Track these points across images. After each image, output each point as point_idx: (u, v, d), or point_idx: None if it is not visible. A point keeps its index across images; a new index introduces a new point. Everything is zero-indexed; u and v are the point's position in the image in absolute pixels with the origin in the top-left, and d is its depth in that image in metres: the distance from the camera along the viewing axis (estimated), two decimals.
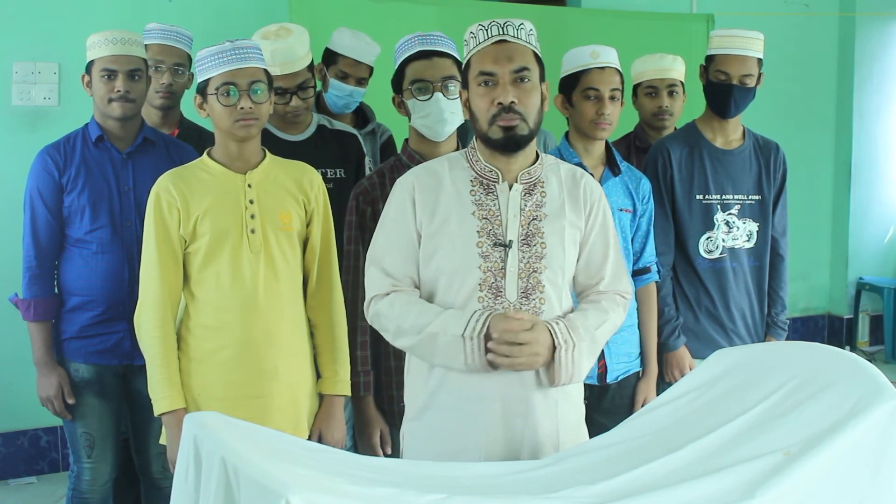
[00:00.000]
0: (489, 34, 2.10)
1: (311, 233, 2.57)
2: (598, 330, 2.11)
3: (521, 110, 2.08)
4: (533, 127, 2.11)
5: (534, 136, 2.13)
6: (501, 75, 2.07)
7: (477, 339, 2.00)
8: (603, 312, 2.14)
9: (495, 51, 2.08)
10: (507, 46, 2.09)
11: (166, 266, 2.43)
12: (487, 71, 2.08)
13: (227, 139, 2.46)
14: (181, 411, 2.40)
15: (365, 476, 1.73)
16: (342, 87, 3.28)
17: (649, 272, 2.98)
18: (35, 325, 2.83)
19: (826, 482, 1.76)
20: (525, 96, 2.08)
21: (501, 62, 2.07)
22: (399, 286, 2.14)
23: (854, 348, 5.87)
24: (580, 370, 2.09)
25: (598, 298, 2.18)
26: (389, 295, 2.14)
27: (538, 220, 2.14)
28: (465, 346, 2.01)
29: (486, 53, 2.09)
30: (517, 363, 2.01)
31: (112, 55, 2.77)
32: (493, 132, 2.09)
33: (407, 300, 2.12)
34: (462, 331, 2.01)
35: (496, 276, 2.10)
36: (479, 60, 2.10)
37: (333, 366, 2.58)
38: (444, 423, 2.13)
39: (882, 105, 5.93)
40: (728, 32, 3.13)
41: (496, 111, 2.08)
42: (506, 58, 2.08)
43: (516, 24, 2.11)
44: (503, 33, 2.09)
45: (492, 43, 2.09)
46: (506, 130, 2.08)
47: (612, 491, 1.72)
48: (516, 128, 2.08)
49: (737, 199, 3.17)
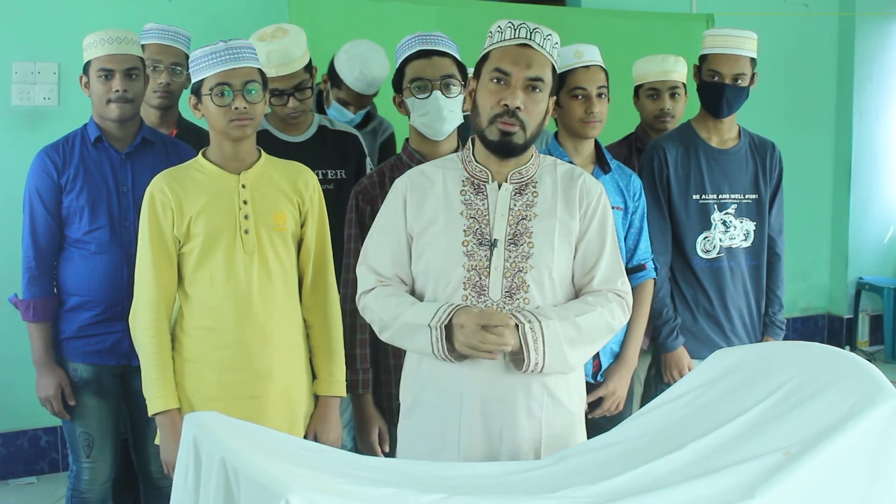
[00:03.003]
0: (516, 34, 2.10)
1: (306, 233, 2.57)
2: (579, 317, 2.08)
3: (523, 118, 2.09)
4: (529, 137, 2.12)
5: (529, 145, 2.14)
6: (516, 78, 2.08)
7: (440, 328, 2.03)
8: (587, 305, 2.12)
9: (517, 52, 2.09)
10: (530, 52, 2.09)
11: (160, 266, 2.43)
12: (504, 69, 2.08)
13: (222, 139, 2.46)
14: (175, 412, 2.41)
15: (365, 476, 1.73)
16: (344, 113, 3.30)
17: (644, 269, 2.96)
18: (34, 325, 2.83)
19: (826, 482, 1.76)
20: (532, 105, 2.09)
21: (520, 65, 2.08)
22: (386, 282, 2.19)
23: (854, 348, 5.87)
24: (558, 353, 2.05)
25: (586, 296, 2.17)
26: (375, 289, 2.19)
27: (527, 219, 2.15)
28: (430, 334, 2.05)
29: (508, 52, 2.09)
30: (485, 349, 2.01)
31: (108, 55, 2.76)
32: (491, 132, 2.11)
33: (390, 293, 2.16)
34: (429, 320, 2.05)
35: (480, 274, 2.11)
36: (499, 57, 2.10)
37: (329, 366, 2.57)
38: (428, 421, 2.16)
39: (882, 105, 5.93)
40: (720, 32, 3.13)
41: (500, 111, 2.08)
42: (525, 63, 2.08)
43: (545, 33, 2.11)
44: (530, 38, 2.09)
45: (516, 44, 2.09)
46: (503, 134, 2.09)
47: (612, 491, 1.72)
48: (514, 135, 2.10)
49: (733, 198, 3.17)
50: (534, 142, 2.16)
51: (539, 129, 2.15)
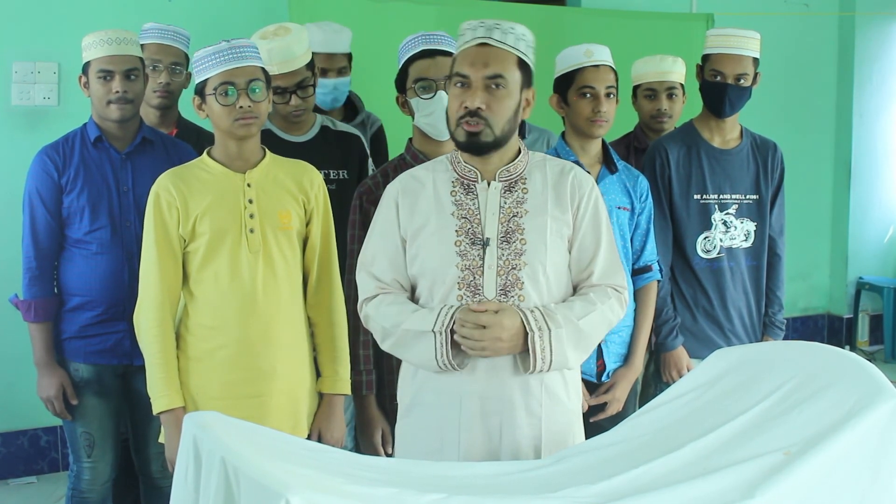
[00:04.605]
0: (475, 35, 2.11)
1: (311, 232, 2.57)
2: (582, 320, 2.10)
3: (486, 116, 2.09)
4: (500, 134, 2.11)
5: (502, 142, 2.14)
6: (475, 79, 2.09)
7: (445, 332, 2.04)
8: (590, 304, 2.13)
9: (475, 53, 2.10)
10: (488, 51, 2.09)
11: (166, 265, 2.43)
12: (462, 73, 2.10)
13: (227, 139, 2.46)
14: (179, 410, 2.41)
15: (365, 476, 1.73)
16: (324, 84, 3.27)
17: (650, 271, 2.97)
18: (35, 325, 2.82)
19: (826, 482, 1.76)
20: (495, 102, 2.09)
21: (477, 66, 2.09)
22: (386, 289, 2.19)
23: (854, 348, 5.87)
24: (562, 358, 2.08)
25: (587, 291, 2.17)
26: (377, 297, 2.19)
27: (518, 216, 2.15)
28: (434, 340, 2.05)
29: (467, 54, 2.11)
30: (479, 346, 2.03)
31: (108, 55, 2.76)
32: (458, 134, 2.13)
33: (391, 301, 2.16)
34: (432, 326, 2.05)
35: (474, 273, 2.12)
36: (460, 60, 2.13)
37: (333, 365, 2.58)
38: (427, 421, 2.16)
39: (882, 105, 5.93)
40: (723, 32, 3.12)
41: (463, 114, 2.10)
42: (482, 63, 2.09)
43: (505, 27, 2.11)
44: (488, 36, 2.09)
45: (475, 45, 2.10)
46: (469, 135, 2.10)
47: (612, 491, 1.72)
48: (480, 133, 2.10)
49: (734, 198, 3.17)
50: (510, 137, 2.15)
51: (513, 123, 2.14)
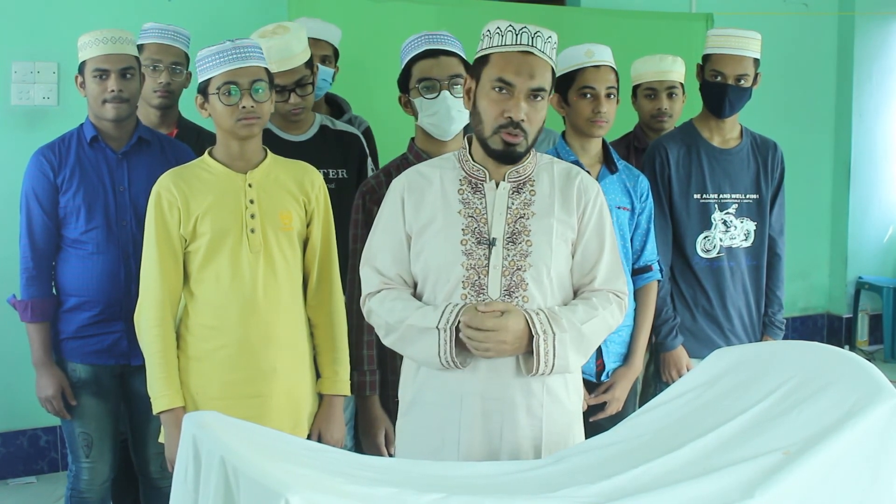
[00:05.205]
0: (518, 40, 2.06)
1: (312, 233, 2.57)
2: (585, 325, 2.10)
3: (526, 128, 2.08)
4: (531, 143, 2.12)
5: (530, 150, 2.14)
6: (520, 89, 2.05)
7: (450, 330, 2.04)
8: (592, 308, 2.13)
9: (520, 61, 2.05)
10: (533, 60, 2.06)
11: (166, 265, 2.43)
12: (507, 80, 2.05)
13: (229, 138, 2.46)
14: (179, 410, 2.41)
15: (365, 476, 1.73)
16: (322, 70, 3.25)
17: (650, 270, 2.97)
18: (33, 325, 2.82)
19: (826, 482, 1.76)
20: (535, 114, 2.08)
21: (523, 75, 2.05)
22: (390, 284, 2.19)
23: (853, 347, 5.87)
24: (563, 362, 2.08)
25: (590, 296, 2.17)
26: (380, 292, 2.18)
27: (525, 218, 2.15)
28: (438, 337, 2.04)
29: (510, 60, 2.06)
30: (483, 347, 2.03)
31: (103, 55, 2.76)
32: (494, 141, 2.10)
33: (395, 296, 2.16)
34: (437, 322, 2.05)
35: (479, 273, 2.11)
36: (501, 65, 2.06)
37: (333, 365, 2.58)
38: (427, 419, 2.16)
39: (881, 105, 5.93)
40: (724, 32, 3.12)
41: (504, 122, 2.07)
42: (528, 73, 2.05)
43: (545, 36, 2.08)
44: (532, 45, 2.06)
45: (518, 51, 2.06)
46: (507, 145, 2.09)
47: (612, 491, 1.72)
48: (517, 145, 2.09)
49: (734, 198, 3.16)
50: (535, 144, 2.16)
51: (540, 132, 2.15)
